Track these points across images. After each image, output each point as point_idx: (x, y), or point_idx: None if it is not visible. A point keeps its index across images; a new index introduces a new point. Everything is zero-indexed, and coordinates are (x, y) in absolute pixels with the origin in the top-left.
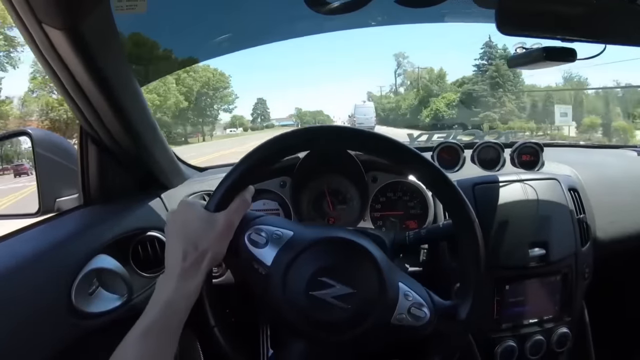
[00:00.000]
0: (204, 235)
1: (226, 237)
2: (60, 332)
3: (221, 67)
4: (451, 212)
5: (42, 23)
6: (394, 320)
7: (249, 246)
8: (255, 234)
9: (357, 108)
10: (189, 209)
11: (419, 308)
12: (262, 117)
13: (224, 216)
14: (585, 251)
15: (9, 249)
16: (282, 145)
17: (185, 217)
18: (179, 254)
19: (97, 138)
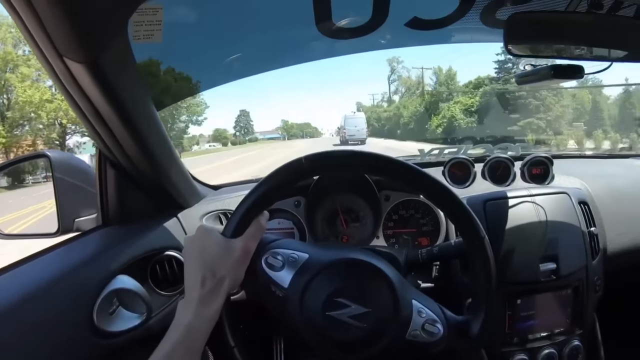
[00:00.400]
0: (221, 261)
1: (243, 263)
2: (83, 352)
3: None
4: (461, 231)
5: (63, 57)
6: (408, 337)
7: (266, 269)
8: (272, 258)
9: (347, 119)
10: (207, 235)
11: (432, 324)
12: (245, 130)
13: (241, 242)
14: (596, 264)
15: (33, 271)
16: (295, 171)
17: (203, 243)
18: (197, 280)
19: (115, 161)
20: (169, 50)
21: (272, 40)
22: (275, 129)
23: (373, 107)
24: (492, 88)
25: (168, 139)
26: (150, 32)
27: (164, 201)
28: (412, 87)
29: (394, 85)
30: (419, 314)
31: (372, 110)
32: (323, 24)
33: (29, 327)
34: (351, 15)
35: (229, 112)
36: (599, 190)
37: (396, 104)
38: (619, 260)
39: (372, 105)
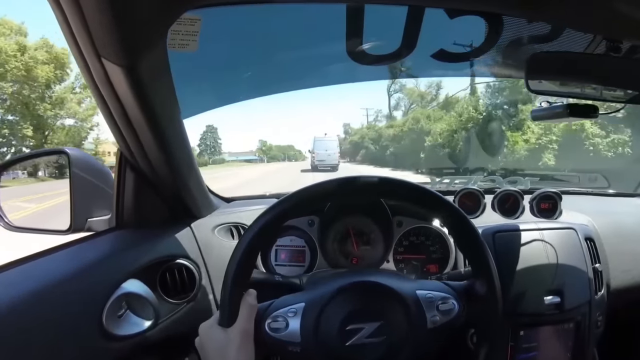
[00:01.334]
0: (227, 353)
1: (247, 346)
2: (90, 353)
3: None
4: (471, 259)
5: (101, 57)
6: (430, 325)
7: (273, 335)
8: (273, 322)
9: (316, 142)
10: (208, 332)
11: (445, 302)
12: (212, 149)
13: (238, 328)
14: (599, 299)
15: (44, 267)
16: (252, 242)
17: (208, 341)
18: None
19: (136, 165)
20: (201, 61)
21: (296, 60)
22: (254, 150)
23: (368, 126)
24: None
25: (190, 149)
26: (186, 42)
27: (179, 209)
28: (424, 97)
29: (394, 98)
30: (428, 300)
31: (369, 128)
32: (352, 47)
33: (37, 323)
34: (381, 42)
35: (192, 127)
36: (605, 228)
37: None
38: (621, 297)
39: (363, 127)
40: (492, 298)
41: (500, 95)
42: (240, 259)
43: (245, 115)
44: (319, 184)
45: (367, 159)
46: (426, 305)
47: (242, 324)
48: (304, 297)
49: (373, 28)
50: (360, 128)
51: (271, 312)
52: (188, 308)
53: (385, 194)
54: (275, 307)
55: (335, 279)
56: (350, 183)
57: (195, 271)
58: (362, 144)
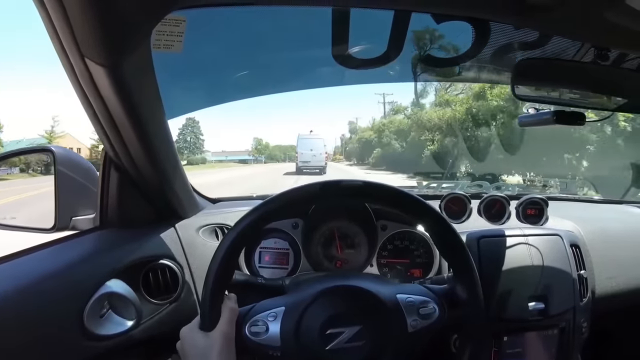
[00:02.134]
0: (208, 356)
1: (228, 349)
2: (70, 352)
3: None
4: (452, 263)
5: (85, 57)
6: (410, 329)
7: (254, 339)
8: (253, 327)
9: (300, 140)
10: (189, 337)
11: (425, 306)
12: (192, 146)
13: (219, 332)
14: (584, 306)
15: (26, 265)
16: (239, 237)
17: (190, 344)
18: None
19: (120, 164)
20: (186, 61)
21: (283, 64)
22: (247, 150)
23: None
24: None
25: (174, 149)
26: (171, 43)
27: (163, 209)
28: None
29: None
30: (408, 304)
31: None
32: (338, 51)
33: (17, 321)
34: (367, 46)
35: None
36: (591, 234)
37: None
38: (606, 303)
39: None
40: (473, 302)
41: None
42: (221, 260)
43: (242, 112)
44: (303, 186)
45: (386, 161)
46: (406, 309)
47: (223, 328)
48: (283, 301)
49: (359, 32)
50: (373, 123)
51: (252, 316)
52: (171, 309)
53: (368, 197)
54: (255, 311)
55: (316, 283)
56: (334, 186)
57: (178, 272)
58: (379, 141)
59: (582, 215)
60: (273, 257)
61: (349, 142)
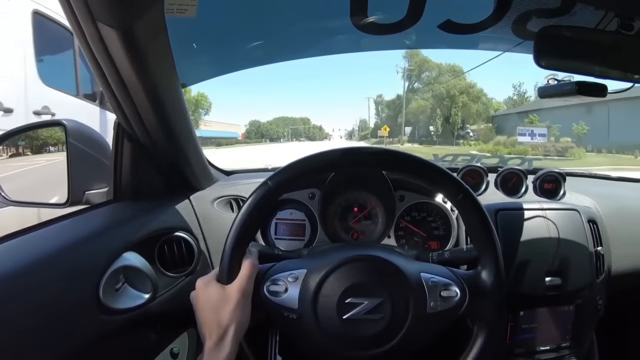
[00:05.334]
0: (222, 310)
1: (244, 305)
2: (87, 326)
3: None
4: (476, 237)
5: (95, 19)
6: (429, 310)
7: (272, 298)
8: (273, 285)
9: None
10: (205, 288)
11: (447, 289)
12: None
13: (237, 286)
14: (600, 283)
15: (41, 239)
16: (264, 195)
17: (204, 296)
18: (205, 333)
19: (134, 136)
20: (200, 28)
21: (300, 29)
22: (238, 125)
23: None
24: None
25: (189, 119)
26: (184, 7)
27: (178, 181)
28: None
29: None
30: (431, 284)
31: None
32: (357, 16)
33: (32, 296)
34: (386, 11)
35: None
36: (608, 211)
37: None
38: (622, 281)
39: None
40: (497, 291)
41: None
42: (248, 214)
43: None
44: (323, 152)
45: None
46: (429, 289)
47: (242, 283)
48: (306, 264)
49: None
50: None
51: (271, 275)
52: (187, 281)
53: (390, 166)
54: (276, 270)
55: (339, 250)
56: (355, 153)
57: (194, 244)
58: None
59: (600, 192)
60: (289, 228)
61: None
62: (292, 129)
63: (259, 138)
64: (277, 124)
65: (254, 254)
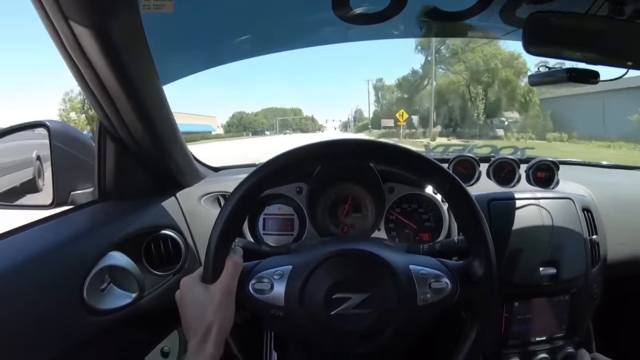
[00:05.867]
0: (205, 309)
1: (227, 304)
2: (71, 327)
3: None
4: (467, 232)
5: (68, 19)
6: (420, 303)
7: (257, 296)
8: (258, 283)
9: None
10: (189, 287)
11: (438, 280)
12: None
13: (220, 286)
14: (595, 272)
15: (23, 241)
16: (253, 186)
17: (188, 295)
18: (189, 332)
19: (116, 134)
20: (179, 23)
21: (283, 21)
22: (213, 117)
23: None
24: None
25: (171, 116)
26: (161, 3)
27: (163, 179)
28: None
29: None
30: (421, 276)
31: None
32: (340, 6)
33: (15, 299)
34: (369, 0)
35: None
36: (603, 199)
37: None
38: (618, 270)
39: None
40: (488, 280)
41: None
42: (230, 213)
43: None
44: (308, 145)
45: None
46: (418, 281)
47: (225, 282)
48: (291, 260)
49: None
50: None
51: (256, 273)
52: (175, 280)
53: (378, 158)
54: (261, 267)
55: (325, 245)
56: (340, 145)
57: (181, 242)
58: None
59: (594, 180)
60: (278, 223)
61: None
62: (280, 121)
63: (242, 131)
64: (266, 115)
65: (238, 252)
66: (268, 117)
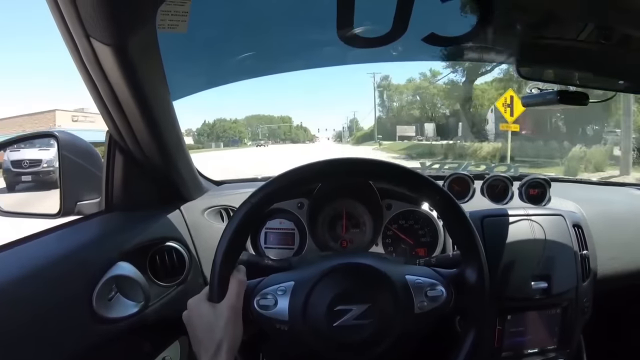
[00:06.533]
0: (214, 327)
1: (235, 321)
2: (81, 336)
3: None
4: (461, 246)
5: (90, 37)
6: (417, 311)
7: (262, 312)
8: (262, 300)
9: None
10: (196, 307)
11: (433, 288)
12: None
13: (226, 304)
14: (586, 286)
15: (33, 250)
16: (250, 212)
17: (197, 315)
18: (201, 350)
19: (125, 147)
20: (191, 41)
21: (288, 43)
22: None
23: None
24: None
25: (179, 130)
26: (176, 23)
27: (168, 192)
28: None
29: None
30: (417, 285)
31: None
32: (343, 30)
33: (26, 307)
34: (372, 25)
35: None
36: (593, 215)
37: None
38: (608, 284)
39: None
40: (481, 287)
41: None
42: (233, 233)
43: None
44: (310, 164)
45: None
46: (415, 291)
47: (231, 300)
48: (293, 276)
49: (364, 10)
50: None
51: (260, 289)
52: (178, 291)
53: (376, 176)
54: (264, 284)
55: (325, 260)
56: (341, 164)
57: (185, 254)
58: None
59: (585, 197)
60: (279, 237)
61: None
62: (265, 129)
63: (215, 140)
64: (250, 123)
65: (241, 271)
66: (253, 125)
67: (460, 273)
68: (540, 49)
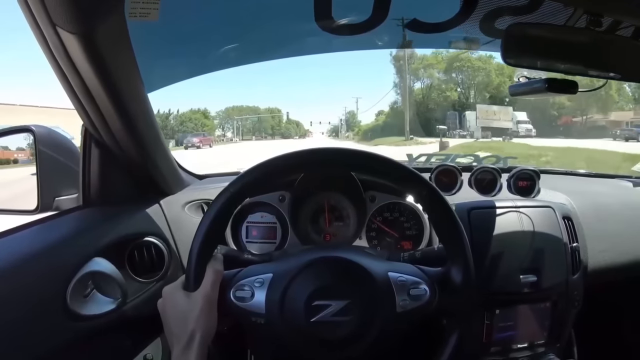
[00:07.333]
0: (188, 317)
1: (209, 311)
2: (54, 333)
3: None
4: (445, 239)
5: (56, 26)
6: (398, 309)
7: (238, 304)
8: (239, 291)
9: None
10: (171, 295)
11: (416, 287)
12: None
13: (201, 293)
14: (576, 279)
15: (6, 246)
16: (230, 200)
17: (171, 303)
18: (173, 340)
19: (101, 140)
20: (165, 31)
21: (267, 31)
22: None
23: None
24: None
25: (156, 123)
26: (147, 10)
27: (147, 186)
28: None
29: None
30: (400, 283)
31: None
32: (322, 18)
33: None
34: (351, 12)
35: None
36: (584, 207)
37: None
38: (599, 276)
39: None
40: (466, 287)
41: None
42: (210, 222)
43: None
44: (291, 152)
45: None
46: (397, 288)
47: (206, 289)
48: (272, 268)
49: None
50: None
51: (237, 280)
52: (158, 287)
53: (358, 167)
54: (242, 275)
55: (305, 253)
56: (320, 153)
57: (164, 249)
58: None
59: (575, 189)
60: (260, 231)
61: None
62: (255, 123)
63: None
64: (229, 114)
65: (218, 260)
66: (225, 118)
67: (445, 272)
68: (527, 36)
